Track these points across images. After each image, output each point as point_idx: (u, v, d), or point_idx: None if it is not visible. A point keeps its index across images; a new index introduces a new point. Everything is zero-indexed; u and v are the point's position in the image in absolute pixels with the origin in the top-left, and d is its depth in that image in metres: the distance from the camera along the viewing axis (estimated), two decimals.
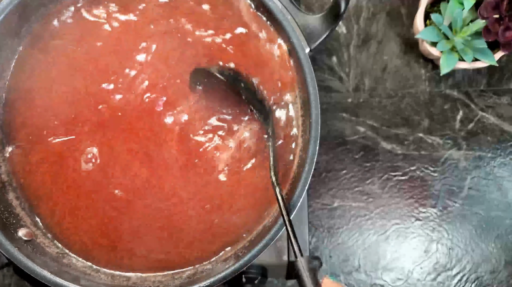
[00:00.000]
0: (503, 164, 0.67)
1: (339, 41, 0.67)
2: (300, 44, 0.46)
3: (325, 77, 0.66)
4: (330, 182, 0.66)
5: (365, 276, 0.65)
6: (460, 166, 0.67)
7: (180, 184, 0.48)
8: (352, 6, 0.67)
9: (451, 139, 0.67)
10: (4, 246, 0.43)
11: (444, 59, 0.61)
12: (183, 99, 0.49)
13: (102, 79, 0.49)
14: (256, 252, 0.44)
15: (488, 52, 0.60)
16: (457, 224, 0.66)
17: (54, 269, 0.45)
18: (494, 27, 0.56)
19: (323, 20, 0.48)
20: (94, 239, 0.49)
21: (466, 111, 0.67)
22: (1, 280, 0.61)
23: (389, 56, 0.67)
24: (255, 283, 0.54)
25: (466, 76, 0.67)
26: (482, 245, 0.66)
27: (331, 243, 0.65)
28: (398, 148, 0.66)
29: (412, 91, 0.67)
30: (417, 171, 0.66)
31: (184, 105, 0.49)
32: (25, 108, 0.49)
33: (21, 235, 0.46)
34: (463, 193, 0.66)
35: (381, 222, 0.66)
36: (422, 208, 0.66)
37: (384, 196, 0.66)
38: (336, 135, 0.66)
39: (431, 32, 0.61)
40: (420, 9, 0.62)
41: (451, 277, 0.65)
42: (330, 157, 0.66)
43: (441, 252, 0.66)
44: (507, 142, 0.67)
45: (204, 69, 0.47)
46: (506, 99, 0.67)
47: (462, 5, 0.59)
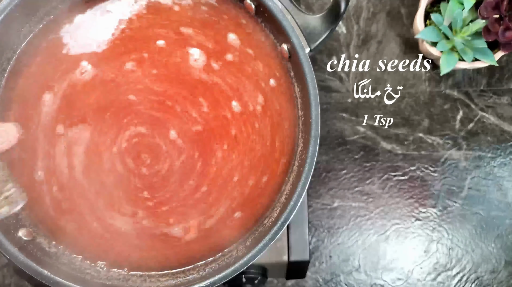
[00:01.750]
0: (503, 164, 0.67)
1: (339, 41, 0.67)
2: (300, 44, 0.46)
3: (325, 77, 0.66)
4: (330, 182, 0.66)
5: (365, 276, 0.65)
6: (460, 166, 0.67)
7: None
8: (352, 6, 0.67)
9: (451, 139, 0.67)
10: (4, 246, 0.43)
11: (444, 59, 0.61)
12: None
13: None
14: (256, 252, 0.44)
15: (488, 52, 0.60)
16: (457, 224, 0.66)
17: (54, 269, 0.45)
18: (494, 27, 0.56)
19: (323, 20, 0.48)
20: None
21: (466, 111, 0.67)
22: (1, 280, 0.61)
23: (389, 56, 0.67)
24: (255, 283, 0.54)
25: (466, 76, 0.67)
26: (482, 245, 0.66)
27: (331, 243, 0.65)
28: (398, 148, 0.66)
29: (412, 91, 0.67)
30: (417, 171, 0.66)
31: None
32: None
33: (21, 235, 0.46)
34: (463, 193, 0.66)
35: (381, 222, 0.66)
36: (422, 208, 0.66)
37: (384, 196, 0.66)
38: (336, 135, 0.66)
39: (431, 32, 0.61)
40: (420, 9, 0.62)
41: (451, 277, 0.65)
42: (330, 157, 0.66)
43: (441, 252, 0.66)
44: (507, 142, 0.67)
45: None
46: (506, 99, 0.67)
47: (462, 5, 0.59)
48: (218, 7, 0.50)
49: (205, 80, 0.49)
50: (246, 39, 0.50)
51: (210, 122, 0.49)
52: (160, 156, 0.48)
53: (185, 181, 0.49)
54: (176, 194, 0.49)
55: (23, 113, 0.48)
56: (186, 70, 0.49)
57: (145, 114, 0.48)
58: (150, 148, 0.48)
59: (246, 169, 0.50)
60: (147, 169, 0.48)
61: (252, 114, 0.50)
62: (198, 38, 0.49)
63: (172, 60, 0.49)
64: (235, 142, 0.50)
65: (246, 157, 0.50)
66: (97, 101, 0.48)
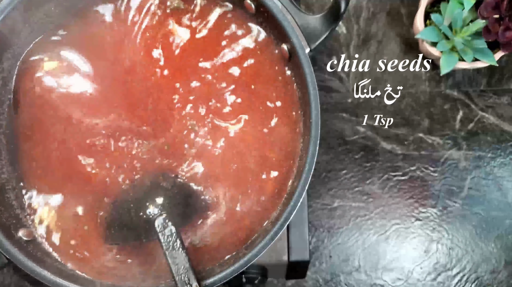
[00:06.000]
0: (503, 164, 0.67)
1: (339, 41, 0.67)
2: (300, 44, 0.46)
3: (325, 77, 0.66)
4: (330, 182, 0.66)
5: (365, 276, 0.65)
6: (460, 166, 0.67)
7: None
8: (352, 6, 0.67)
9: (451, 139, 0.67)
10: (4, 246, 0.43)
11: (444, 59, 0.61)
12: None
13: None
14: (256, 252, 0.44)
15: (488, 52, 0.60)
16: (457, 224, 0.66)
17: (54, 269, 0.45)
18: (494, 27, 0.56)
19: (323, 20, 0.48)
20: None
21: (466, 111, 0.67)
22: (1, 280, 0.61)
23: (389, 56, 0.67)
24: (255, 283, 0.54)
25: (466, 76, 0.67)
26: (482, 245, 0.66)
27: (331, 243, 0.65)
28: (398, 148, 0.66)
29: (412, 91, 0.67)
30: (417, 171, 0.66)
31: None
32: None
33: (21, 235, 0.46)
34: (463, 193, 0.66)
35: (381, 222, 0.66)
36: (422, 208, 0.66)
37: (384, 196, 0.66)
38: (336, 135, 0.66)
39: (431, 32, 0.61)
40: (420, 9, 0.62)
41: (451, 277, 0.65)
42: (330, 157, 0.66)
43: (441, 252, 0.66)
44: (507, 142, 0.67)
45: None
46: (506, 99, 0.67)
47: (462, 5, 0.59)
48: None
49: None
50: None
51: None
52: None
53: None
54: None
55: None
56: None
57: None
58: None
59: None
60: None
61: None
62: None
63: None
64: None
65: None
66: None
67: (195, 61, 0.50)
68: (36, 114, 0.48)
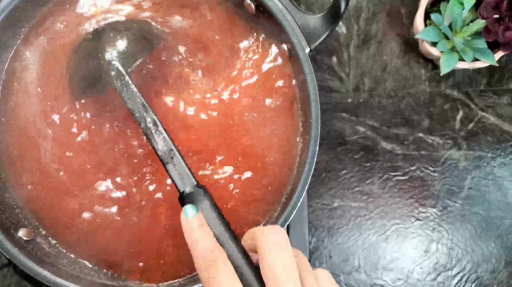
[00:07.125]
0: (503, 164, 0.67)
1: (339, 41, 0.67)
2: (300, 44, 0.46)
3: (325, 77, 0.66)
4: (330, 182, 0.66)
5: (365, 276, 0.65)
6: (460, 166, 0.67)
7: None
8: (352, 6, 0.67)
9: (451, 139, 0.67)
10: (4, 246, 0.43)
11: (444, 59, 0.61)
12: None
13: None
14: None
15: (488, 52, 0.60)
16: (457, 224, 0.66)
17: (54, 269, 0.45)
18: (494, 27, 0.56)
19: (323, 20, 0.48)
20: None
21: (466, 111, 0.67)
22: (1, 280, 0.61)
23: (389, 56, 0.67)
24: None
25: (466, 76, 0.67)
26: (482, 245, 0.66)
27: (331, 243, 0.65)
28: (398, 148, 0.66)
29: (412, 91, 0.67)
30: (417, 171, 0.66)
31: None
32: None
33: (21, 235, 0.46)
34: (463, 193, 0.66)
35: (381, 222, 0.66)
36: (422, 208, 0.66)
37: (384, 196, 0.66)
38: (336, 135, 0.66)
39: (431, 32, 0.61)
40: (420, 9, 0.62)
41: (451, 277, 0.66)
42: (330, 157, 0.66)
43: (441, 252, 0.66)
44: (507, 142, 0.67)
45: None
46: (506, 99, 0.67)
47: (462, 5, 0.59)
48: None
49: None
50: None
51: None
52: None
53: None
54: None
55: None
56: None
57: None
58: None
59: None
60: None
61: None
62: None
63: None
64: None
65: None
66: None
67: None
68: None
